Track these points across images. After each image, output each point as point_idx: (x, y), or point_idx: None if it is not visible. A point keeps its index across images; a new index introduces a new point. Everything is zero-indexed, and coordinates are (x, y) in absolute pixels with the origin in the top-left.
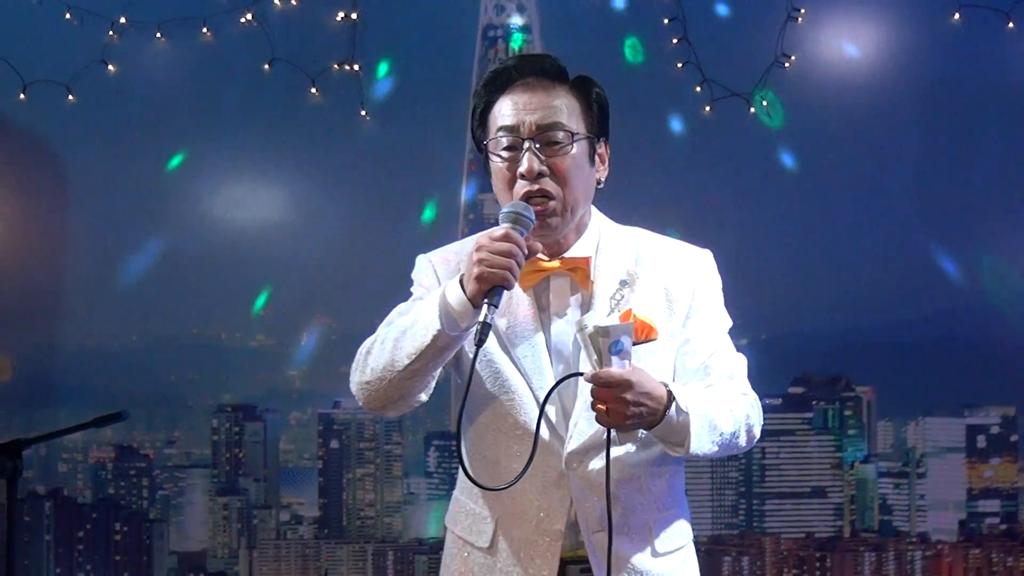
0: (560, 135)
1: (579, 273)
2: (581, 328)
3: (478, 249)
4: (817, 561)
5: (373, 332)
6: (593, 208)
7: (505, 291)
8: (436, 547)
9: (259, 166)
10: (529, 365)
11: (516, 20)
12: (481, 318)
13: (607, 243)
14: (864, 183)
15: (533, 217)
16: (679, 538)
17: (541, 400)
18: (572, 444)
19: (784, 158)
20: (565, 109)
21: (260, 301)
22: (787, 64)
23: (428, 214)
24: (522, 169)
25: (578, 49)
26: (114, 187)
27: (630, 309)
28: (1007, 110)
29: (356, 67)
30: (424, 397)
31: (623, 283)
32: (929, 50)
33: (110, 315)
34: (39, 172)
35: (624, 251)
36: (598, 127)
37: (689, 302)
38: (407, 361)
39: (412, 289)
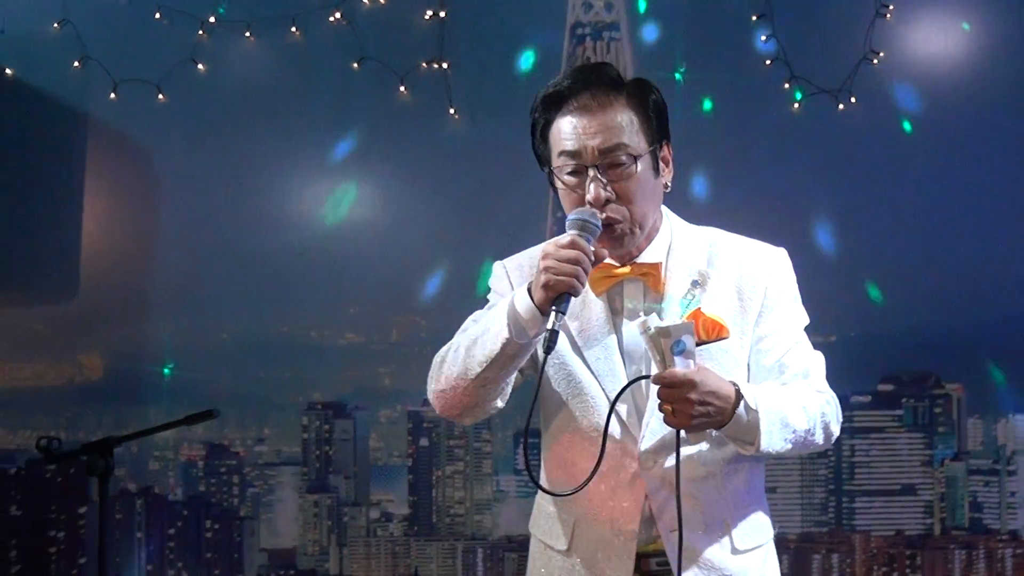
0: (623, 157)
1: (651, 277)
2: (645, 330)
3: (544, 257)
4: (907, 559)
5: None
6: (665, 209)
7: (573, 298)
8: (526, 544)
9: (347, 164)
10: (602, 367)
11: (604, 17)
12: (549, 325)
13: (678, 245)
14: (953, 180)
15: (600, 223)
16: (759, 536)
17: (613, 401)
18: (645, 443)
19: (873, 155)
20: (625, 126)
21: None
22: (875, 61)
23: (516, 212)
24: (589, 197)
25: (666, 46)
26: (204, 185)
27: (699, 308)
28: None
29: (444, 65)
30: (500, 404)
31: (694, 283)
32: (1019, 45)
33: (200, 313)
34: (129, 171)
35: (695, 252)
36: (658, 134)
37: (761, 300)
38: (479, 369)
39: (488, 296)
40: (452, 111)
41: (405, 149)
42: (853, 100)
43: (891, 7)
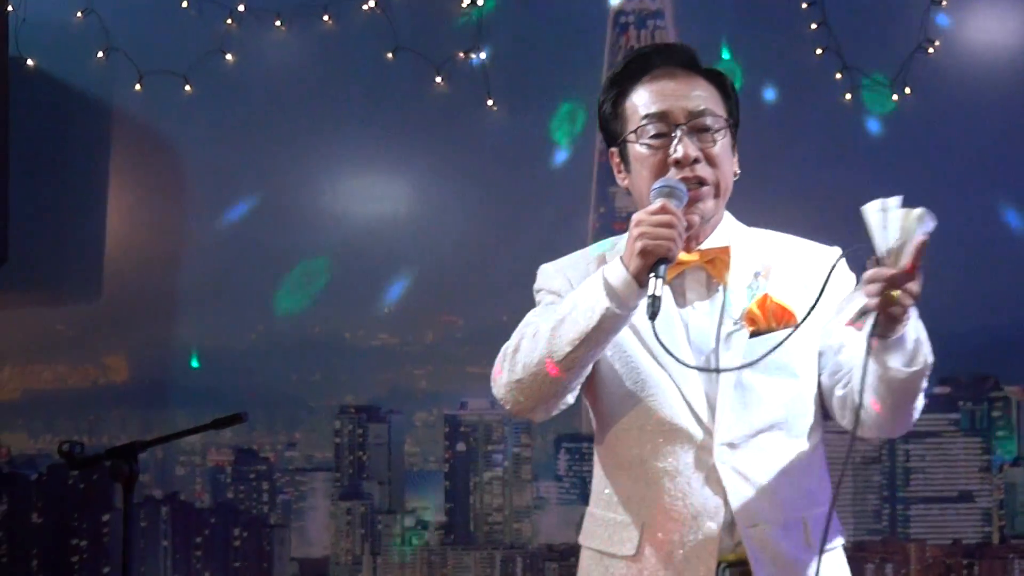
0: (710, 120)
1: (717, 264)
2: (883, 209)
3: (636, 224)
4: (964, 569)
5: (502, 329)
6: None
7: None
8: (567, 553)
9: (381, 158)
10: (669, 360)
11: (648, 5)
12: (651, 291)
13: (739, 238)
14: (1014, 175)
15: (686, 190)
16: (833, 537)
17: (684, 394)
18: (720, 436)
19: (928, 147)
20: (709, 96)
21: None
22: (931, 50)
23: (557, 208)
24: (677, 155)
25: (713, 35)
26: (232, 180)
27: (767, 294)
28: None
29: (482, 55)
30: (571, 399)
31: (757, 274)
32: None
33: (228, 313)
34: (155, 165)
35: (756, 245)
36: (736, 117)
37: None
38: (568, 349)
39: (539, 298)
40: (490, 103)
41: (442, 143)
42: (908, 91)
43: None
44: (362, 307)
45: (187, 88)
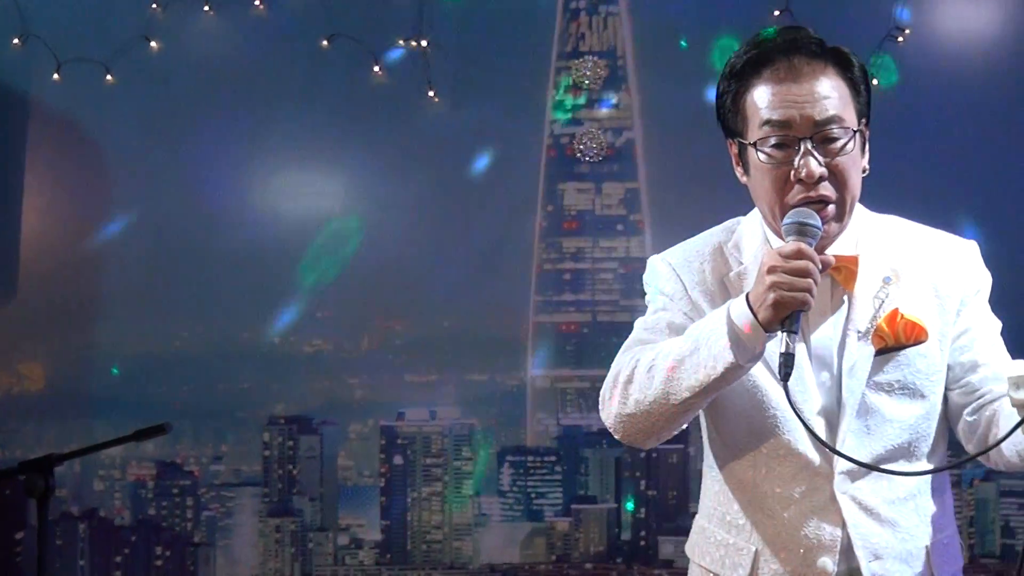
0: (837, 130)
1: (843, 272)
2: None
3: (770, 271)
4: None
5: (443, 336)
6: None
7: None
8: (510, 573)
9: (316, 152)
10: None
11: None
12: (783, 349)
13: (868, 237)
14: (986, 163)
15: (820, 225)
16: (955, 563)
17: (804, 415)
18: (842, 463)
19: (899, 138)
20: (837, 97)
21: None
22: (900, 38)
23: (502, 205)
24: (802, 174)
25: (669, 21)
26: (157, 177)
27: (896, 308)
28: None
29: (423, 43)
30: (685, 425)
31: (886, 280)
32: None
33: (152, 318)
34: (75, 160)
35: (885, 245)
36: (865, 109)
37: (960, 298)
38: (687, 395)
39: (649, 297)
40: (432, 94)
41: (380, 136)
42: (875, 82)
43: None
44: (293, 312)
45: (108, 77)
